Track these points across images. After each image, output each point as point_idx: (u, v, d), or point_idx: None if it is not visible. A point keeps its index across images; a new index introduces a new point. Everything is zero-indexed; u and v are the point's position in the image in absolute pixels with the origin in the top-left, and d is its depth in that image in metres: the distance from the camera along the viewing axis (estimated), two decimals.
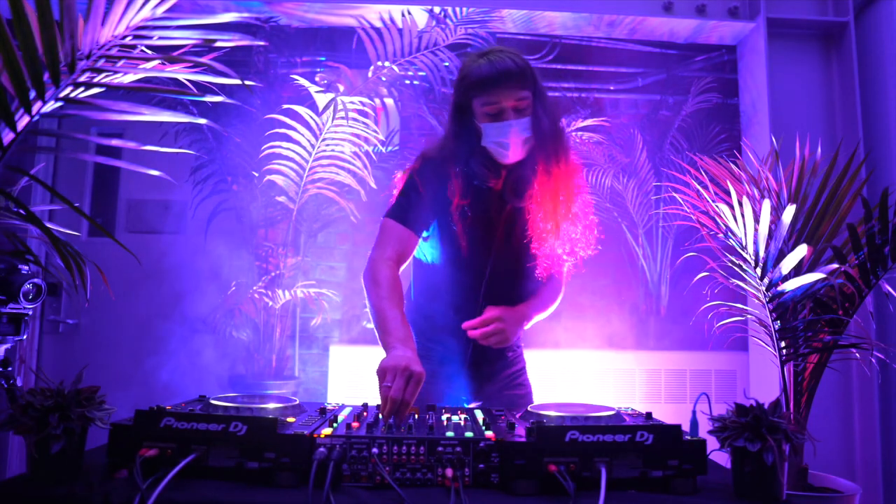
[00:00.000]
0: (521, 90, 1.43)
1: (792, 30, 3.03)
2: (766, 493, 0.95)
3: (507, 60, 1.43)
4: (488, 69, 1.42)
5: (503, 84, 1.41)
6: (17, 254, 1.28)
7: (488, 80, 1.42)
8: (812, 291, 1.69)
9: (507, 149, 1.46)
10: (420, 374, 1.19)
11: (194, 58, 1.19)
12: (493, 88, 1.42)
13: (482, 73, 1.42)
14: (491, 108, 1.43)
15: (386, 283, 1.43)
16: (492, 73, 1.41)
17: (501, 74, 1.41)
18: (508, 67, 1.42)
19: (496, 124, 1.44)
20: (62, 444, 0.92)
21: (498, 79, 1.41)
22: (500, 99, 1.42)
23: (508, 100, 1.42)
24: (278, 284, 2.90)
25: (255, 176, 2.93)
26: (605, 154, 3.25)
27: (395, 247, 1.49)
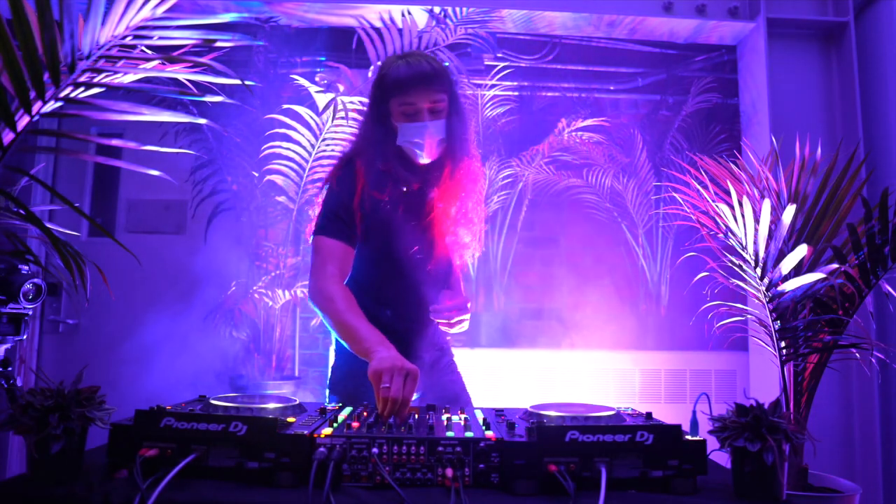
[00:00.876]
0: (436, 92, 1.48)
1: (792, 30, 3.03)
2: (766, 493, 0.95)
3: (423, 63, 1.48)
4: (406, 70, 1.47)
5: (420, 85, 1.46)
6: (17, 254, 1.28)
7: (406, 80, 1.46)
8: (812, 291, 1.69)
9: (421, 149, 1.50)
10: (415, 371, 1.20)
11: (194, 58, 1.19)
12: (410, 89, 1.46)
13: (400, 74, 1.47)
14: (407, 109, 1.48)
15: (339, 296, 1.42)
16: (409, 74, 1.46)
17: (418, 76, 1.46)
18: (425, 70, 1.47)
19: (412, 124, 1.49)
20: (62, 444, 0.92)
21: (415, 80, 1.46)
22: (416, 100, 1.47)
23: (424, 101, 1.47)
24: (278, 284, 2.90)
25: (255, 176, 2.93)
26: (605, 154, 3.26)
27: (335, 264, 1.47)
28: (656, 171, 3.24)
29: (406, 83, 1.46)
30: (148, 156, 2.69)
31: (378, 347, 1.29)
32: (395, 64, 1.50)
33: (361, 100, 2.91)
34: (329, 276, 1.46)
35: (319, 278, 1.46)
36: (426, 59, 1.51)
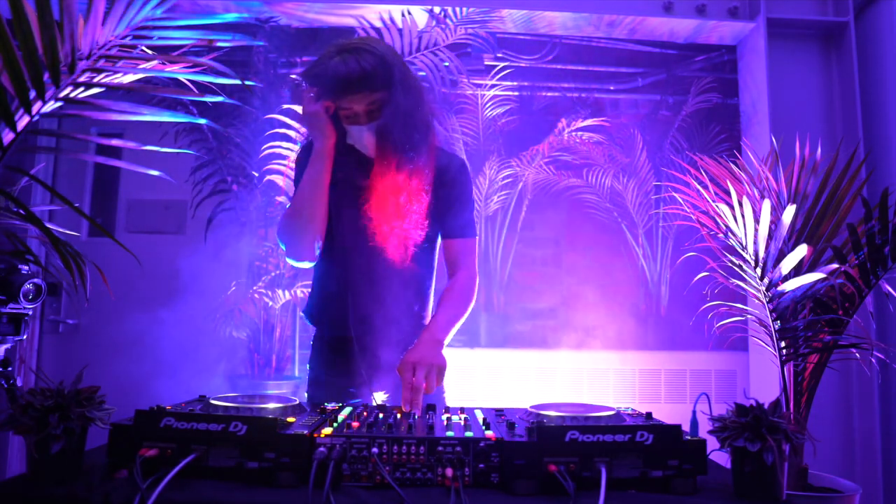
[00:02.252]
0: (372, 93, 1.40)
1: (792, 30, 3.03)
2: (766, 493, 0.95)
3: (355, 64, 1.38)
4: (337, 74, 1.38)
5: (354, 90, 1.39)
6: (17, 254, 1.28)
7: (339, 85, 1.40)
8: (812, 291, 1.69)
9: (365, 150, 1.49)
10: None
11: (194, 58, 1.19)
12: (345, 94, 1.40)
13: (332, 78, 1.39)
14: (345, 112, 1.44)
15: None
16: (341, 78, 1.38)
17: (351, 81, 1.38)
18: (356, 72, 1.37)
19: (353, 127, 1.46)
20: (62, 444, 0.92)
21: (348, 85, 1.39)
22: (351, 104, 1.42)
23: (360, 105, 1.41)
24: (278, 284, 2.90)
25: (255, 176, 2.93)
26: (605, 154, 3.26)
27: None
28: (656, 171, 3.24)
29: (339, 88, 1.40)
30: (148, 156, 2.69)
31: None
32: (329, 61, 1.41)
33: None
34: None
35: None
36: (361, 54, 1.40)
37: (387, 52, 1.43)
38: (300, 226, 1.47)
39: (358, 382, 1.55)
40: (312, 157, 1.47)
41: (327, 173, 1.48)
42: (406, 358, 1.32)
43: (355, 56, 1.39)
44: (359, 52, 1.40)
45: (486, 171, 3.19)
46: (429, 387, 1.28)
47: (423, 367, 1.29)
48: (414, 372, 1.28)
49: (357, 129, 1.46)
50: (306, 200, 1.47)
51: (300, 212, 1.48)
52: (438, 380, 1.31)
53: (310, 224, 1.47)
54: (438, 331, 1.44)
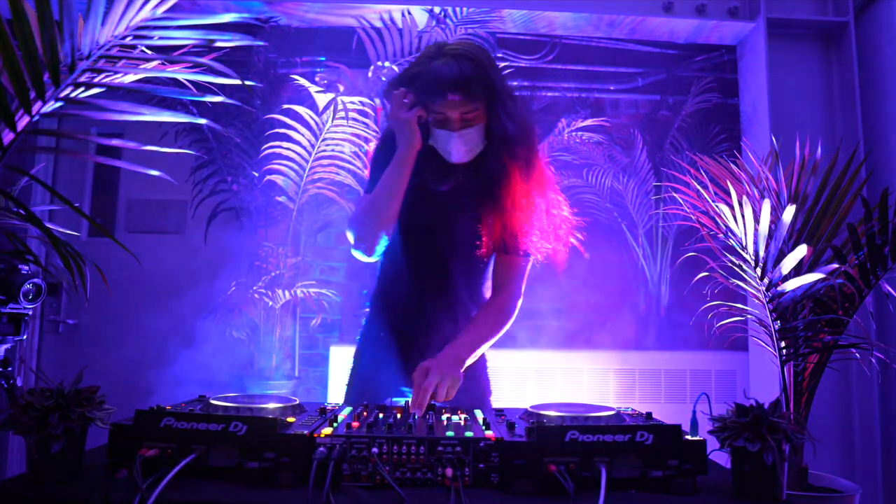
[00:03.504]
0: (469, 102, 1.38)
1: (792, 30, 3.03)
2: (766, 493, 0.95)
3: (456, 69, 1.36)
4: (437, 76, 1.37)
5: (446, 93, 1.37)
6: (17, 254, 1.28)
7: (435, 89, 1.37)
8: (812, 291, 1.69)
9: (449, 157, 1.46)
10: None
11: (194, 58, 1.19)
12: (440, 98, 1.38)
13: (430, 80, 1.38)
14: (437, 116, 1.41)
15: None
16: (439, 82, 1.36)
17: (448, 85, 1.36)
18: (456, 78, 1.35)
19: (441, 131, 1.43)
20: (62, 444, 0.92)
21: (444, 89, 1.36)
22: (445, 109, 1.39)
23: (454, 111, 1.39)
24: (278, 284, 2.90)
25: (255, 176, 2.93)
26: (605, 154, 3.26)
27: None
28: (656, 171, 3.24)
29: (435, 91, 1.37)
30: (148, 156, 2.69)
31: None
32: (429, 64, 1.39)
33: (362, 100, 2.91)
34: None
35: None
36: (463, 59, 1.37)
37: (489, 64, 1.42)
38: (373, 223, 1.47)
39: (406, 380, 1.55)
40: (395, 159, 1.45)
41: (407, 176, 1.46)
42: (422, 364, 1.33)
43: (456, 61, 1.37)
44: (459, 58, 1.38)
45: None
46: (438, 394, 1.27)
47: (436, 374, 1.29)
48: (426, 376, 1.28)
49: (445, 135, 1.42)
50: (382, 200, 1.46)
51: (375, 210, 1.47)
52: (451, 391, 1.30)
53: (382, 222, 1.47)
54: (462, 349, 1.43)
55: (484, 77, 1.39)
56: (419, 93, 1.41)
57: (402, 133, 1.44)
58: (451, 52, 1.39)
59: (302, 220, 3.01)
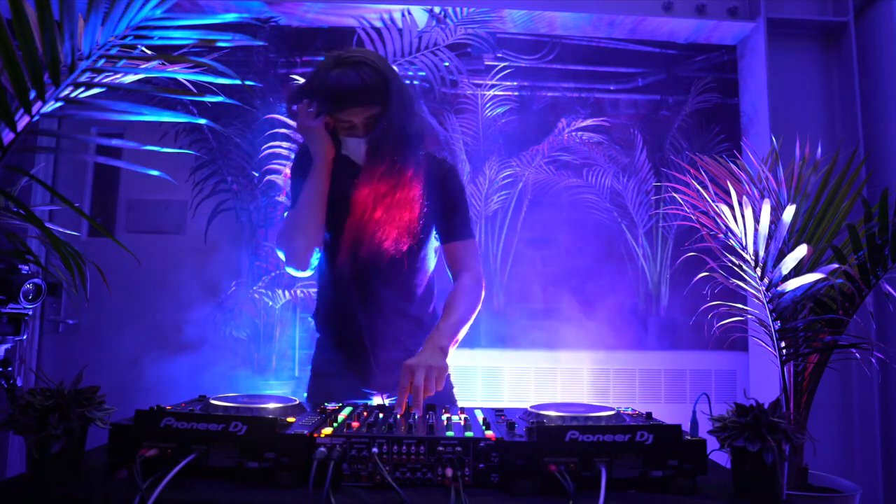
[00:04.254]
0: (370, 107, 1.42)
1: (792, 30, 3.03)
2: (766, 493, 0.95)
3: (355, 76, 1.39)
4: (337, 86, 1.40)
5: (354, 103, 1.41)
6: (17, 254, 1.28)
7: (337, 98, 1.41)
8: (812, 291, 1.69)
9: (360, 160, 1.49)
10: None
11: (194, 58, 1.19)
12: (345, 107, 1.42)
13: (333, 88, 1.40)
14: (343, 125, 1.45)
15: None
16: (341, 91, 1.40)
17: (350, 93, 1.40)
18: (356, 85, 1.39)
19: (348, 139, 1.47)
20: (62, 444, 0.92)
21: (346, 98, 1.40)
22: (350, 116, 1.43)
23: (359, 117, 1.43)
24: (278, 284, 2.90)
25: (255, 176, 2.93)
26: (605, 154, 3.26)
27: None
28: (656, 171, 3.24)
29: (338, 100, 1.41)
30: (148, 156, 2.69)
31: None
32: (328, 72, 1.42)
33: None
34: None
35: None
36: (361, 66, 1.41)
37: (384, 66, 1.45)
38: (298, 237, 1.49)
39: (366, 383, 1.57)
40: (312, 171, 1.49)
41: (326, 187, 1.50)
42: (405, 363, 1.34)
43: (355, 69, 1.40)
44: (358, 66, 1.41)
45: (486, 171, 3.19)
46: (428, 389, 1.29)
47: (421, 370, 1.30)
48: (412, 375, 1.29)
49: (354, 142, 1.47)
50: (305, 214, 1.49)
51: (301, 224, 1.49)
52: (438, 383, 1.31)
53: (310, 235, 1.49)
54: (441, 338, 1.44)
55: (382, 81, 1.42)
56: (322, 103, 1.44)
57: (313, 142, 1.48)
58: (347, 60, 1.42)
59: None
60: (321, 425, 1.03)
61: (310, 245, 1.50)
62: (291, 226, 1.51)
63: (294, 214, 1.51)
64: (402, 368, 1.33)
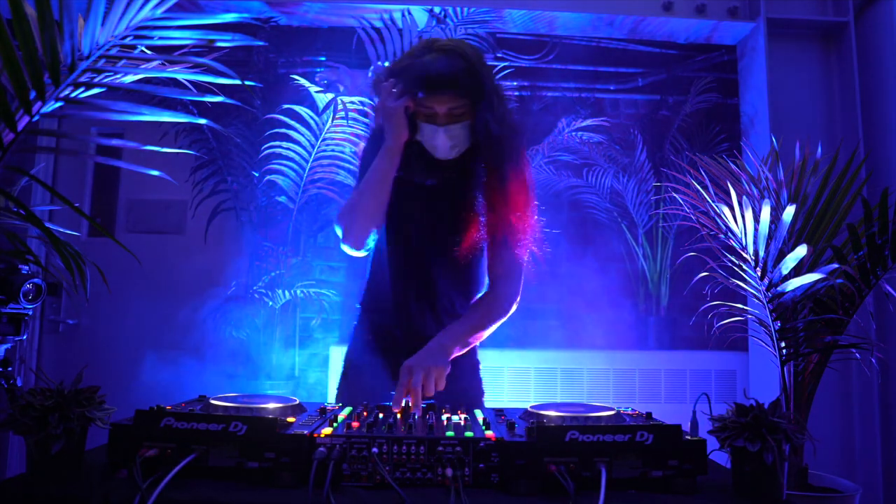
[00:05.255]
0: (456, 98, 1.39)
1: (792, 30, 3.03)
2: (766, 493, 0.95)
3: (445, 64, 1.38)
4: (426, 70, 1.38)
5: (438, 90, 1.38)
6: (17, 254, 1.28)
7: (424, 83, 1.38)
8: (812, 291, 1.69)
9: (435, 152, 1.46)
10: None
11: (194, 58, 1.19)
12: (428, 92, 1.39)
13: (419, 73, 1.39)
14: (424, 111, 1.42)
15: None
16: (428, 76, 1.38)
17: (437, 80, 1.38)
18: (445, 73, 1.37)
19: (427, 126, 1.43)
20: (62, 444, 0.92)
21: (433, 84, 1.38)
22: (433, 104, 1.40)
23: (442, 106, 1.40)
24: (278, 284, 2.90)
25: (255, 176, 2.93)
26: (605, 154, 3.26)
27: None
28: (656, 171, 3.24)
29: (424, 85, 1.39)
30: (148, 156, 2.69)
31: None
32: (418, 59, 1.41)
33: (362, 99, 2.91)
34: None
35: None
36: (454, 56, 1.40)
37: (477, 60, 1.43)
38: (360, 216, 1.47)
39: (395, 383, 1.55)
40: (382, 152, 1.46)
41: (394, 169, 1.46)
42: (405, 363, 1.33)
43: (447, 57, 1.39)
44: (450, 54, 1.40)
45: None
46: (427, 390, 1.27)
47: (419, 371, 1.29)
48: (411, 376, 1.28)
49: (431, 129, 1.43)
50: (370, 192, 1.46)
51: (363, 203, 1.47)
52: (438, 383, 1.30)
53: (370, 216, 1.47)
54: (448, 337, 1.43)
55: (473, 74, 1.40)
56: (408, 85, 1.41)
57: (390, 123, 1.44)
58: (442, 48, 1.41)
59: (302, 220, 3.01)
60: (321, 425, 1.03)
61: (369, 225, 1.48)
62: (354, 203, 1.49)
63: (359, 193, 1.49)
64: (401, 368, 1.32)
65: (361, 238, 1.49)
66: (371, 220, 1.47)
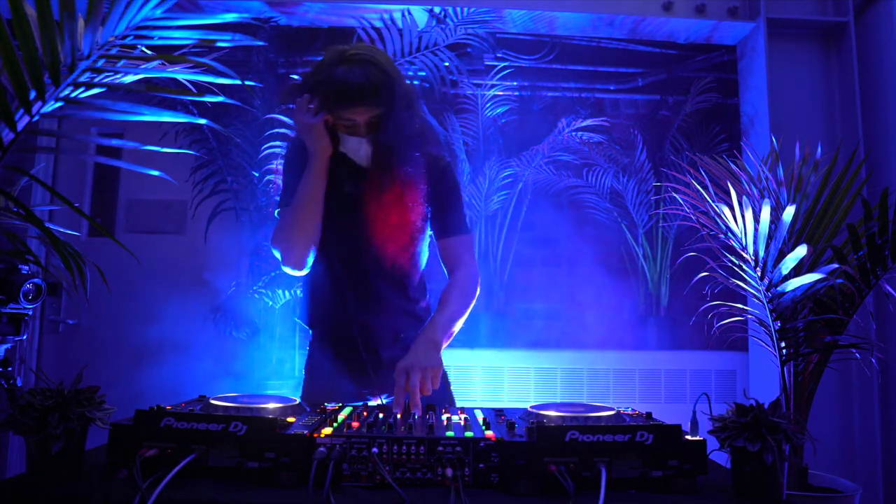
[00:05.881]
0: (375, 107, 1.39)
1: (792, 30, 3.03)
2: (766, 493, 0.95)
3: (361, 75, 1.37)
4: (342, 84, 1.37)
5: (357, 101, 1.38)
6: (17, 254, 1.28)
7: (341, 96, 1.38)
8: (812, 291, 1.69)
9: (361, 161, 1.47)
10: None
11: (194, 58, 1.19)
12: (348, 105, 1.39)
13: (338, 86, 1.38)
14: (345, 123, 1.42)
15: None
16: (346, 89, 1.37)
17: (356, 92, 1.37)
18: (362, 84, 1.37)
19: (351, 138, 1.44)
20: (62, 444, 0.92)
21: (352, 96, 1.38)
22: (353, 115, 1.40)
23: (362, 115, 1.40)
24: (278, 284, 2.90)
25: (255, 176, 2.93)
26: (605, 154, 3.26)
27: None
28: (656, 171, 3.24)
29: (343, 99, 1.38)
30: (148, 156, 2.69)
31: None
32: (333, 69, 1.39)
33: None
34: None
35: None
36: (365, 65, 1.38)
37: (389, 65, 1.43)
38: (299, 235, 1.47)
39: (363, 381, 1.56)
40: (309, 169, 1.46)
41: (323, 184, 1.46)
42: (399, 364, 1.32)
43: (361, 67, 1.38)
44: (363, 64, 1.38)
45: (486, 171, 3.19)
46: (424, 389, 1.28)
47: (416, 372, 1.29)
48: (408, 377, 1.28)
49: (355, 141, 1.44)
50: (305, 210, 1.46)
51: (299, 222, 1.46)
52: (434, 381, 1.31)
53: (306, 234, 1.47)
54: (434, 332, 1.43)
55: (387, 83, 1.39)
56: (324, 99, 1.41)
57: (312, 139, 1.44)
58: (352, 58, 1.40)
59: None
60: (321, 425, 1.03)
61: (308, 244, 1.47)
62: (288, 225, 1.48)
63: (291, 213, 1.48)
64: (397, 370, 1.31)
65: (303, 257, 1.48)
66: (310, 238, 1.47)
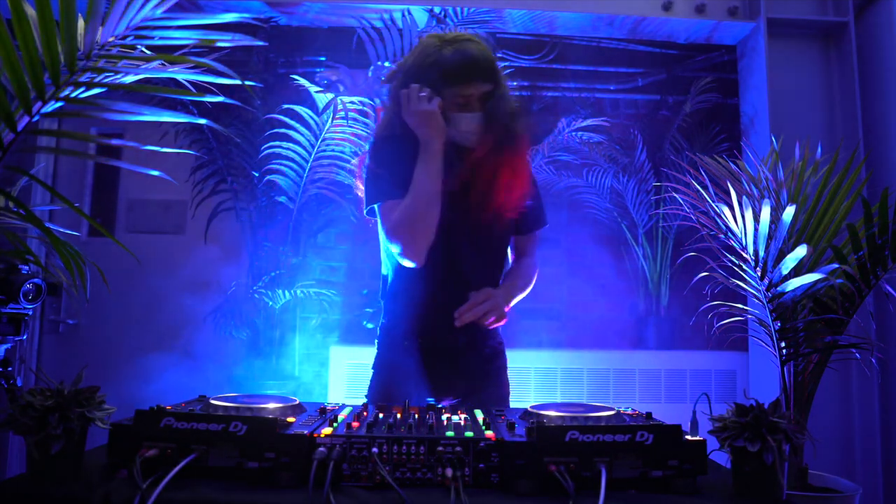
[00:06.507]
0: (486, 82, 1.45)
1: (792, 30, 3.03)
2: (766, 493, 0.95)
3: (474, 52, 1.44)
4: (460, 60, 1.43)
5: (473, 77, 1.44)
6: (17, 254, 1.28)
7: (460, 72, 1.43)
8: (812, 291, 1.69)
9: (470, 139, 1.49)
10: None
11: (194, 58, 1.19)
12: (464, 81, 1.43)
13: (454, 64, 1.43)
14: (461, 100, 1.45)
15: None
16: (463, 64, 1.43)
17: (472, 67, 1.44)
18: (478, 60, 1.44)
19: (465, 115, 1.46)
20: (62, 444, 0.92)
21: (469, 71, 1.43)
22: (469, 91, 1.45)
23: (477, 90, 1.45)
24: (278, 284, 2.90)
25: (255, 176, 2.93)
26: (605, 154, 3.26)
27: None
28: (656, 171, 3.24)
29: (460, 74, 1.42)
30: (148, 156, 2.69)
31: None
32: (445, 50, 1.44)
33: (362, 99, 2.91)
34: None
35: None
36: (476, 44, 1.46)
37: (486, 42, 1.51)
38: (421, 228, 1.44)
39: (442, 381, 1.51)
40: (426, 157, 1.44)
41: (441, 173, 1.45)
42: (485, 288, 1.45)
43: (469, 45, 1.45)
44: (468, 43, 1.46)
45: None
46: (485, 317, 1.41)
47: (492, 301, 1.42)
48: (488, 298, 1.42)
49: (468, 118, 1.46)
50: (424, 201, 1.43)
51: (421, 214, 1.43)
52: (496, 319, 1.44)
53: (428, 225, 1.44)
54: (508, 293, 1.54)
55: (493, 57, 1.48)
56: (439, 81, 1.44)
57: (428, 127, 1.44)
58: (459, 39, 1.47)
59: (302, 220, 3.01)
60: (321, 425, 1.03)
61: (430, 235, 1.44)
62: (412, 216, 1.43)
63: (413, 204, 1.43)
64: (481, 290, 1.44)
65: (424, 249, 1.45)
66: (433, 228, 1.44)
